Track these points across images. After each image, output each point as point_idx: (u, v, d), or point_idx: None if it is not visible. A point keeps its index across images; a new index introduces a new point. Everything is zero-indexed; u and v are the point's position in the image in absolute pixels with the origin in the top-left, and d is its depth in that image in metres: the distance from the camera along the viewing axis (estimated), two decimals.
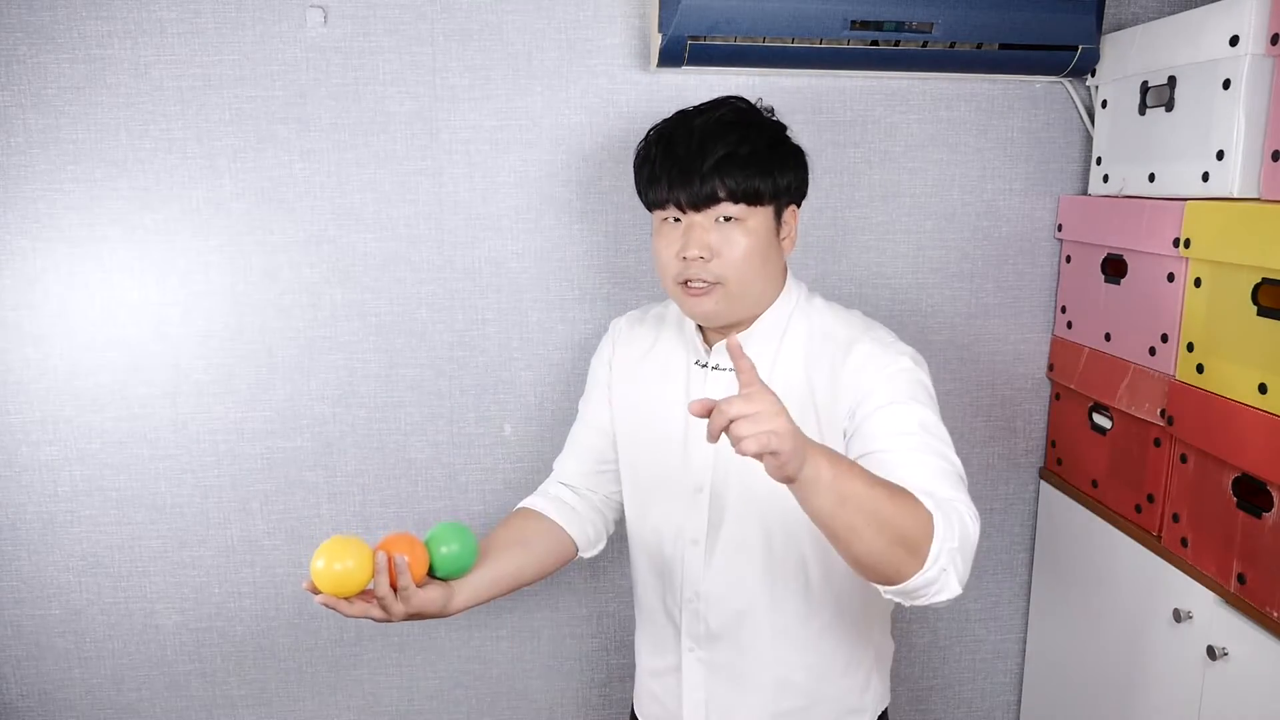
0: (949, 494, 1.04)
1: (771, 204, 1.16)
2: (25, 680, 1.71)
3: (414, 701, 1.79)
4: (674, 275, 1.17)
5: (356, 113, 1.58)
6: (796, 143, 1.22)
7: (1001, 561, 1.84)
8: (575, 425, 1.40)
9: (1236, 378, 1.26)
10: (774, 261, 1.19)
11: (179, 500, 1.67)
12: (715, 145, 1.13)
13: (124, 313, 1.60)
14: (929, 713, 1.89)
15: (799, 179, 1.20)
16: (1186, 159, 1.38)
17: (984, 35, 1.48)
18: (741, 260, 1.14)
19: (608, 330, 1.40)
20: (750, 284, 1.17)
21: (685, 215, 1.15)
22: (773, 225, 1.18)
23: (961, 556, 1.00)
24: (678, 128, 1.17)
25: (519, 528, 1.29)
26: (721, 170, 1.12)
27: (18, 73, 1.52)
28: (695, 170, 1.12)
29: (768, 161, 1.14)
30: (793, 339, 1.22)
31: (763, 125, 1.18)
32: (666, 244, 1.17)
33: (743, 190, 1.13)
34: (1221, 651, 1.28)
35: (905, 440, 1.10)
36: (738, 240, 1.14)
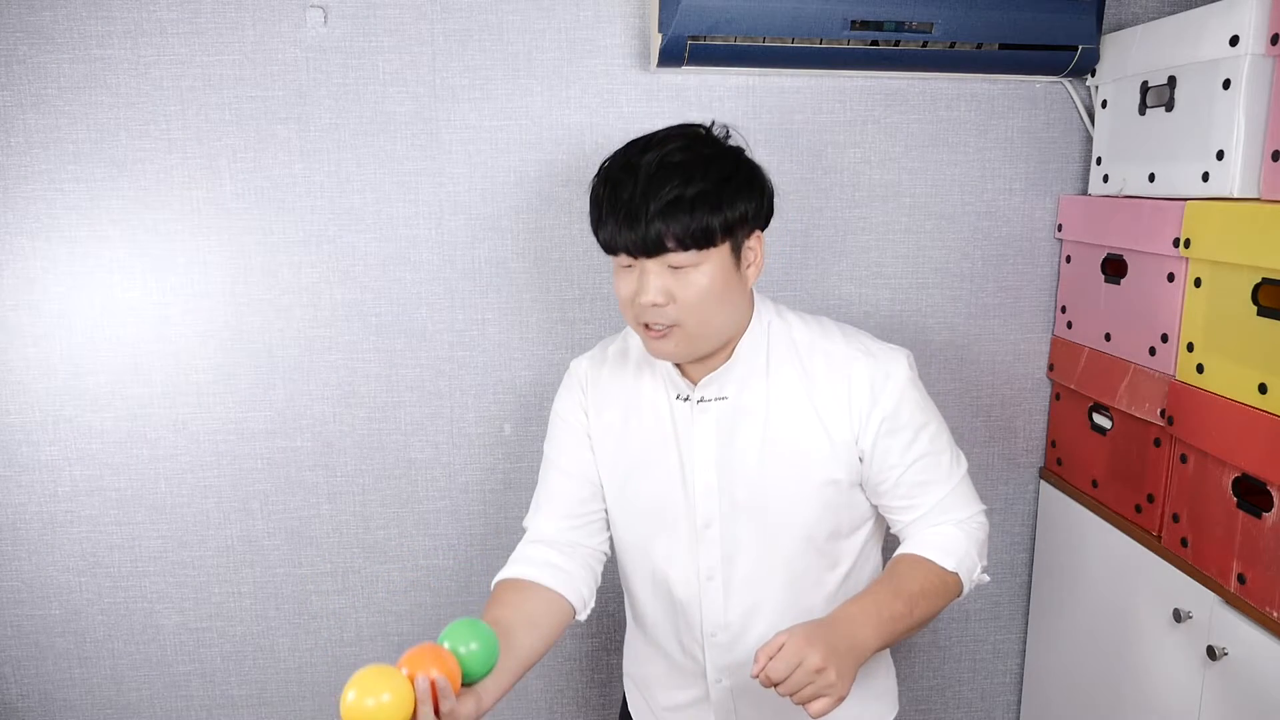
0: (961, 513, 1.22)
1: (727, 240, 1.10)
2: (25, 680, 1.71)
3: None
4: (633, 317, 1.14)
5: (356, 113, 1.58)
6: (755, 164, 1.16)
7: (1002, 561, 1.84)
8: (547, 477, 1.30)
9: (1236, 378, 1.26)
10: (736, 293, 1.14)
11: (179, 500, 1.67)
12: (661, 189, 1.06)
13: (124, 313, 1.60)
14: (929, 713, 1.89)
15: (757, 206, 1.14)
16: (1186, 159, 1.38)
17: (984, 35, 1.48)
18: (698, 303, 1.10)
19: (569, 372, 1.33)
20: (710, 323, 1.13)
21: (638, 261, 1.11)
22: (731, 260, 1.12)
23: (982, 559, 1.22)
24: (624, 169, 1.11)
25: (520, 606, 1.19)
26: (668, 216, 1.06)
27: (18, 73, 1.52)
28: (641, 217, 1.07)
29: (718, 198, 1.08)
30: (779, 357, 1.20)
31: (713, 158, 1.11)
32: (624, 285, 1.13)
33: (691, 236, 1.07)
34: (1221, 651, 1.28)
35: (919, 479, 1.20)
36: (694, 283, 1.09)
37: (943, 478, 1.21)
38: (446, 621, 1.75)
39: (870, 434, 1.17)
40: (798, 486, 1.19)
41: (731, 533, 1.21)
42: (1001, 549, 1.83)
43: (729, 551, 1.21)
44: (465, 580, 1.75)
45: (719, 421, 1.20)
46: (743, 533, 1.21)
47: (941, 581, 1.16)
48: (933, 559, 1.17)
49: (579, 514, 1.28)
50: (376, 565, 1.73)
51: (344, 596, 1.74)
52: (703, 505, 1.21)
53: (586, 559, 1.27)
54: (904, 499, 1.20)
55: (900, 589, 1.13)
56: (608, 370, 1.29)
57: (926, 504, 1.20)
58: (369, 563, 1.73)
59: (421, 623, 1.76)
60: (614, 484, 1.27)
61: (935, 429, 1.21)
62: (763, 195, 1.15)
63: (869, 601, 1.11)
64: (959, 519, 1.21)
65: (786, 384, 1.19)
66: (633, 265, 1.12)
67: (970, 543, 1.20)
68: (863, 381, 1.17)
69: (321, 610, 1.74)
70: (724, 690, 1.27)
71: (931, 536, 1.19)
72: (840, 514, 1.22)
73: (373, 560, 1.73)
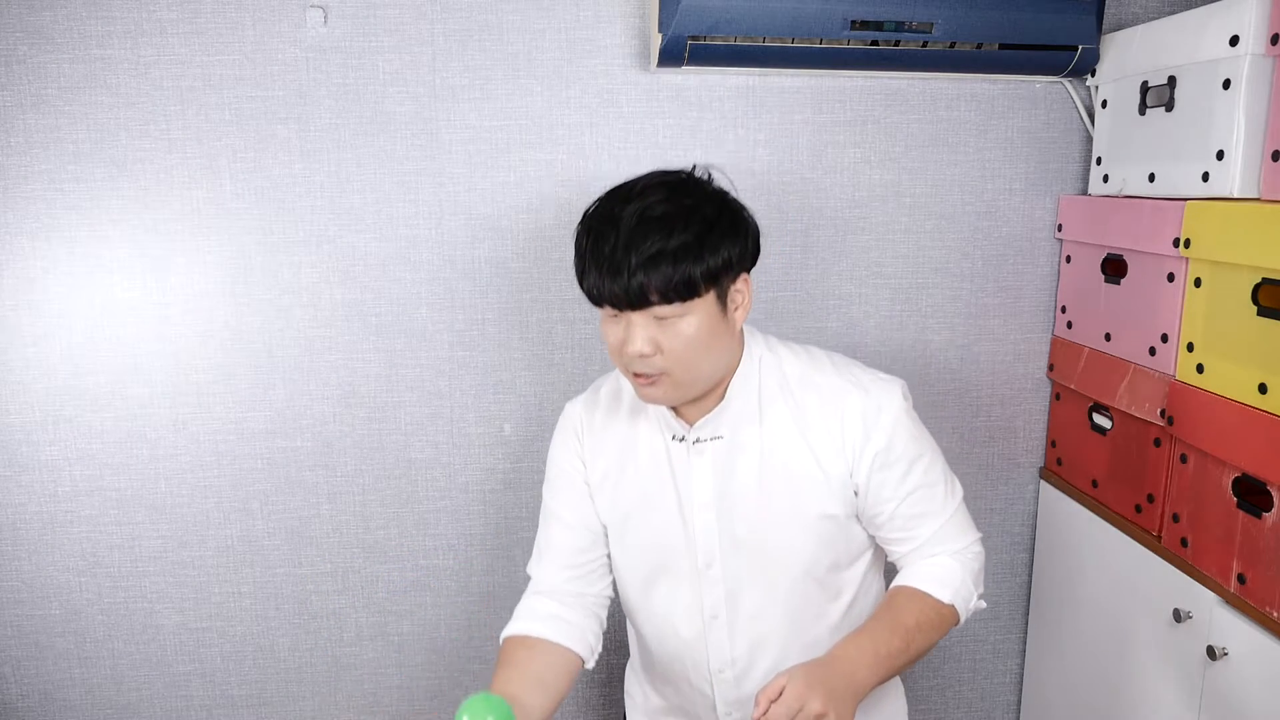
0: (957, 544, 1.23)
1: (712, 288, 1.10)
2: (25, 680, 1.71)
3: (414, 701, 1.79)
4: (622, 365, 1.14)
5: (356, 113, 1.58)
6: (738, 207, 1.15)
7: (1002, 561, 1.84)
8: (548, 526, 1.30)
9: (1236, 378, 1.26)
10: (724, 338, 1.14)
11: (179, 500, 1.67)
12: (641, 243, 1.06)
13: (124, 313, 1.60)
14: (929, 713, 1.89)
15: (741, 250, 1.12)
16: (1186, 159, 1.38)
17: (984, 35, 1.48)
18: (685, 352, 1.10)
19: (564, 417, 1.31)
20: (698, 369, 1.12)
21: (623, 314, 1.10)
22: (716, 307, 1.11)
23: (978, 588, 1.23)
24: (606, 220, 1.09)
25: (528, 666, 1.20)
26: (650, 270, 1.05)
27: (18, 73, 1.52)
28: (624, 271, 1.06)
29: (700, 249, 1.07)
30: (771, 394, 1.20)
31: (694, 207, 1.09)
32: (611, 334, 1.13)
33: (675, 288, 1.06)
34: (1221, 651, 1.28)
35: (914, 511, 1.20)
36: (680, 332, 1.09)
37: (938, 509, 1.21)
38: (446, 621, 1.76)
39: (865, 468, 1.18)
40: (796, 522, 1.19)
41: (733, 571, 1.21)
42: (1001, 549, 1.83)
43: (731, 590, 1.22)
44: (465, 580, 1.75)
45: (715, 461, 1.20)
46: (744, 571, 1.21)
47: (938, 615, 1.18)
48: (929, 592, 1.18)
49: (580, 563, 1.28)
50: (376, 565, 1.73)
51: (344, 596, 1.74)
52: (703, 545, 1.22)
53: (591, 607, 1.28)
54: (900, 531, 1.21)
55: (897, 625, 1.15)
56: (601, 414, 1.28)
57: (922, 536, 1.21)
58: (369, 563, 1.73)
59: (421, 623, 1.76)
60: (614, 527, 1.27)
61: (929, 459, 1.21)
62: (746, 238, 1.14)
63: (866, 640, 1.13)
64: (955, 549, 1.22)
65: (780, 421, 1.20)
66: (619, 316, 1.11)
67: (966, 573, 1.21)
68: (855, 415, 1.17)
69: (321, 610, 1.74)
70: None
71: (928, 568, 1.21)
72: (839, 546, 1.22)
73: (373, 560, 1.73)
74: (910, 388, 1.24)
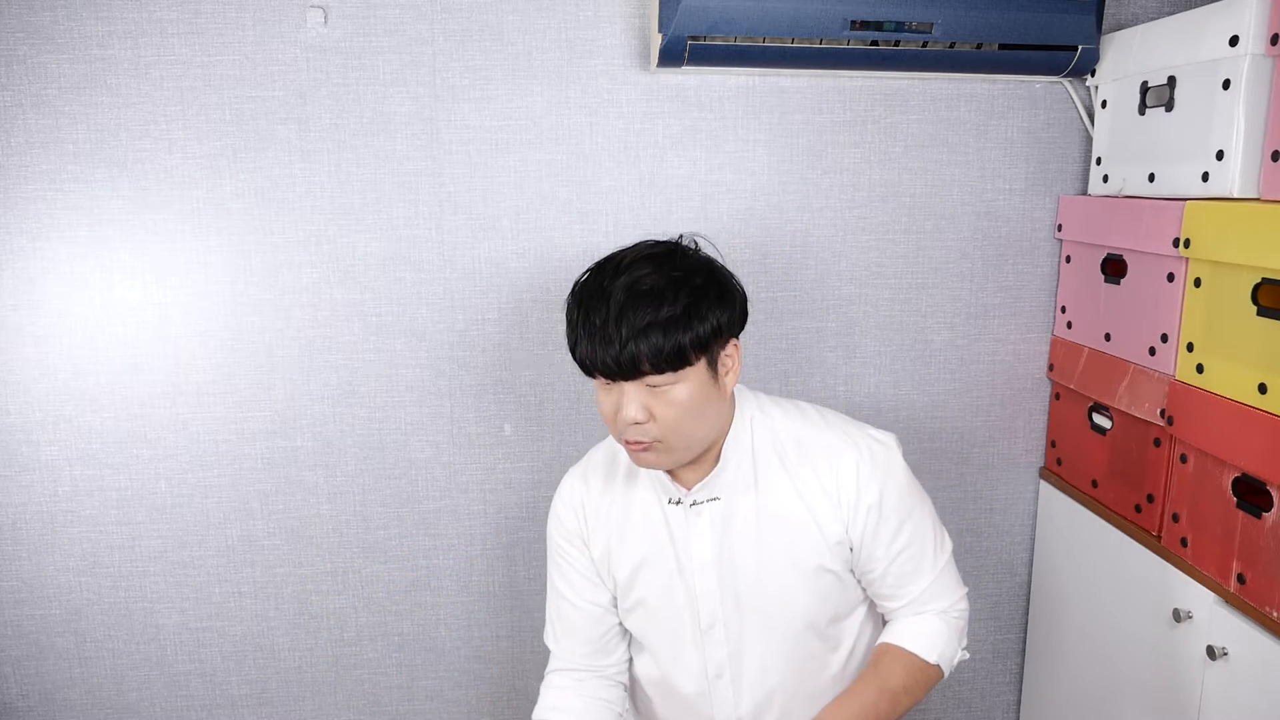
0: (944, 603, 1.25)
1: (702, 356, 1.11)
2: (25, 680, 1.71)
3: (414, 701, 1.79)
4: (617, 433, 1.15)
5: (356, 113, 1.58)
6: (725, 275, 1.16)
7: (1001, 561, 1.84)
8: (559, 607, 1.32)
9: (1236, 378, 1.26)
10: (715, 403, 1.15)
11: (179, 500, 1.67)
12: (631, 316, 1.07)
13: (124, 313, 1.60)
14: (929, 713, 1.89)
15: (730, 316, 1.14)
16: (1186, 159, 1.38)
17: (984, 35, 1.48)
18: (678, 419, 1.11)
19: (559, 497, 1.32)
20: (690, 435, 1.14)
21: (616, 384, 1.12)
22: (707, 374, 1.13)
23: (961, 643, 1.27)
24: (596, 294, 1.11)
25: None
26: (641, 341, 1.07)
27: (18, 73, 1.52)
28: (615, 343, 1.08)
29: (689, 319, 1.09)
30: (764, 454, 1.21)
31: (682, 280, 1.10)
32: (605, 402, 1.15)
33: (666, 358, 1.08)
34: (1221, 651, 1.28)
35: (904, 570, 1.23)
36: (673, 400, 1.11)
37: (927, 568, 1.24)
38: (446, 621, 1.76)
39: (859, 524, 1.19)
40: (795, 577, 1.21)
41: (736, 630, 1.23)
42: (1001, 549, 1.83)
43: (735, 649, 1.23)
44: (465, 580, 1.75)
45: (714, 522, 1.21)
46: (747, 629, 1.22)
47: (924, 674, 1.22)
48: (916, 653, 1.21)
49: (595, 637, 1.30)
50: (376, 565, 1.73)
51: (344, 596, 1.74)
52: (705, 606, 1.22)
53: (613, 675, 1.31)
54: (890, 588, 1.24)
55: (884, 689, 1.19)
56: (598, 482, 1.29)
57: (911, 594, 1.24)
58: (369, 563, 1.73)
59: (421, 623, 1.76)
60: (621, 595, 1.29)
61: (920, 515, 1.23)
62: (734, 305, 1.16)
63: (855, 705, 1.17)
64: (941, 609, 1.25)
65: (775, 480, 1.21)
66: (611, 386, 1.13)
67: (951, 633, 1.24)
68: (850, 471, 1.19)
69: (321, 610, 1.74)
70: None
71: (915, 628, 1.23)
72: (838, 598, 1.24)
73: (373, 560, 1.73)
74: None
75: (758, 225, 1.67)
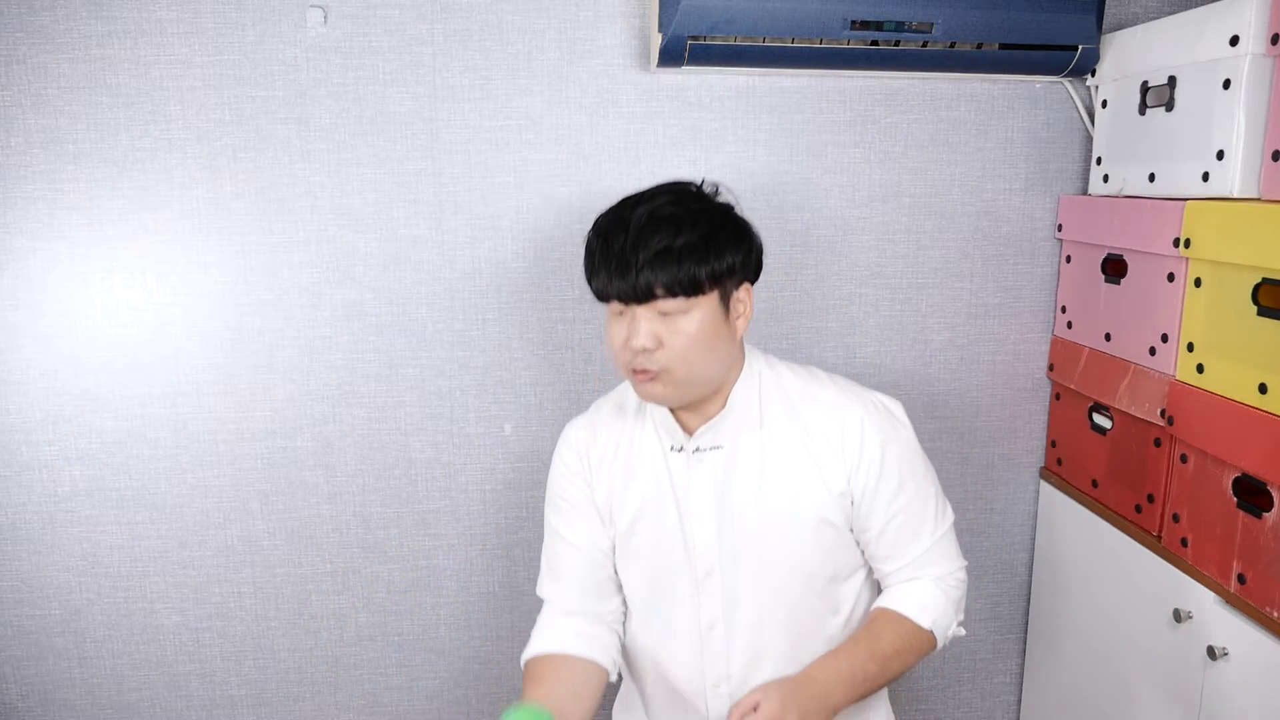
0: (940, 571, 1.25)
1: (715, 289, 1.13)
2: (25, 680, 1.71)
3: (414, 701, 1.79)
4: (624, 363, 1.16)
5: (356, 113, 1.58)
6: (743, 220, 1.19)
7: (1001, 561, 1.84)
8: (554, 546, 1.31)
9: (1236, 378, 1.26)
10: (724, 343, 1.16)
11: (179, 500, 1.67)
12: (650, 240, 1.10)
13: (124, 313, 1.60)
14: (929, 713, 1.89)
15: (745, 259, 1.16)
16: (1186, 159, 1.38)
17: (984, 35, 1.48)
18: (686, 350, 1.13)
19: (563, 442, 1.32)
20: (698, 370, 1.15)
21: (629, 308, 1.14)
22: (719, 309, 1.15)
23: (958, 616, 1.25)
24: (616, 222, 1.14)
25: (561, 681, 1.23)
26: (656, 266, 1.10)
27: (18, 73, 1.52)
28: (631, 266, 1.10)
29: (705, 250, 1.11)
30: (771, 405, 1.22)
31: (701, 212, 1.14)
32: (616, 333, 1.16)
33: (679, 284, 1.10)
34: (1221, 651, 1.28)
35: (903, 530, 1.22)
36: (682, 330, 1.12)
37: (927, 531, 1.23)
38: (446, 621, 1.76)
39: (861, 477, 1.20)
40: (795, 530, 1.20)
41: (732, 581, 1.22)
42: (1001, 549, 1.83)
43: (730, 600, 1.22)
44: (465, 580, 1.75)
45: (715, 471, 1.21)
46: (743, 580, 1.22)
47: (916, 640, 1.21)
48: (910, 616, 1.21)
49: (593, 582, 1.29)
50: (376, 565, 1.73)
51: (344, 596, 1.74)
52: (703, 555, 1.22)
53: (608, 621, 1.30)
54: (888, 549, 1.23)
55: (875, 649, 1.18)
56: (604, 428, 1.30)
57: (908, 556, 1.23)
58: (369, 563, 1.73)
59: (421, 622, 1.76)
60: (620, 541, 1.28)
61: (923, 480, 1.24)
62: (750, 249, 1.18)
63: (843, 662, 1.17)
64: (938, 575, 1.24)
65: (780, 430, 1.21)
66: (624, 312, 1.14)
67: (948, 601, 1.23)
68: (855, 425, 1.20)
69: (321, 610, 1.74)
70: None
71: (910, 593, 1.23)
72: (839, 556, 1.24)
73: (373, 560, 1.73)
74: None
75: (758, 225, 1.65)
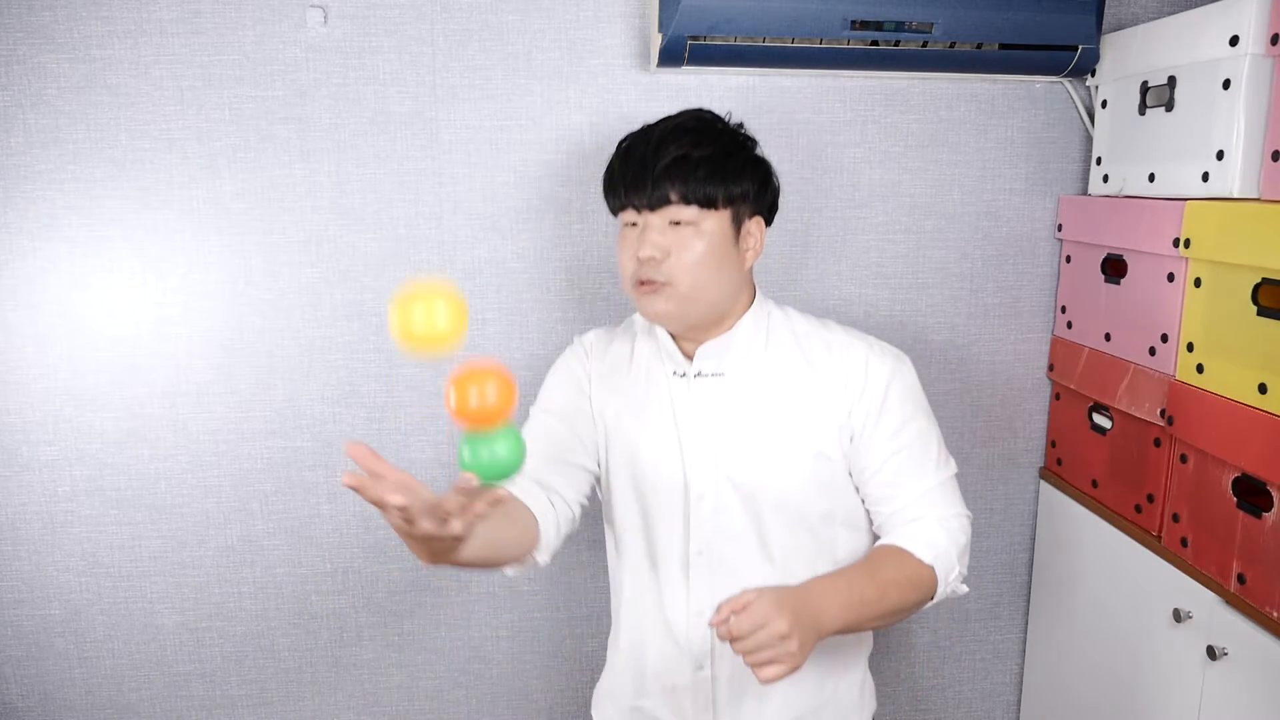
0: (942, 512, 1.20)
1: (727, 209, 1.16)
2: (25, 680, 1.71)
3: (414, 701, 1.79)
4: (630, 275, 1.19)
5: (356, 113, 1.58)
6: (764, 157, 1.22)
7: (1001, 561, 1.84)
8: (532, 417, 1.30)
9: (1236, 378, 1.26)
10: (731, 267, 1.18)
11: (179, 500, 1.67)
12: (669, 147, 1.14)
13: (124, 313, 1.60)
14: (929, 713, 1.89)
15: (760, 190, 1.20)
16: (1186, 159, 1.38)
17: (984, 35, 1.48)
18: (693, 263, 1.15)
19: (575, 342, 1.35)
20: (703, 287, 1.16)
21: (641, 216, 1.17)
22: (730, 232, 1.17)
23: (961, 565, 1.19)
24: (640, 136, 1.19)
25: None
26: (673, 172, 1.13)
27: (18, 73, 1.52)
28: (649, 171, 1.14)
29: (723, 167, 1.15)
30: (777, 339, 1.24)
31: (723, 133, 1.18)
32: (626, 247, 1.19)
33: (694, 193, 1.14)
34: (1221, 651, 1.28)
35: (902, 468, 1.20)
36: (690, 243, 1.15)
37: (928, 472, 1.21)
38: (446, 621, 1.76)
39: (861, 413, 1.19)
40: (791, 461, 1.20)
41: (725, 506, 1.22)
42: (1001, 549, 1.83)
43: (721, 526, 1.22)
44: (465, 580, 1.75)
45: (715, 398, 1.22)
46: (736, 507, 1.22)
47: (917, 574, 1.15)
48: (910, 550, 1.17)
49: (559, 458, 1.26)
50: (376, 565, 1.73)
51: (344, 596, 1.74)
52: (696, 480, 1.22)
53: (558, 504, 1.24)
54: (886, 485, 1.21)
55: (875, 575, 1.13)
56: (618, 342, 1.32)
57: (907, 495, 1.20)
58: (369, 563, 1.73)
59: (421, 622, 1.76)
60: (617, 455, 1.28)
61: (925, 425, 1.23)
62: (766, 182, 1.22)
63: (843, 580, 1.12)
64: (940, 516, 1.20)
65: (784, 362, 1.22)
66: (637, 223, 1.18)
67: (950, 542, 1.18)
68: (858, 362, 1.20)
69: (321, 610, 1.74)
70: (705, 678, 1.26)
71: (911, 530, 1.19)
72: (833, 494, 1.23)
73: (373, 560, 1.73)
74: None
75: None
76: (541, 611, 1.78)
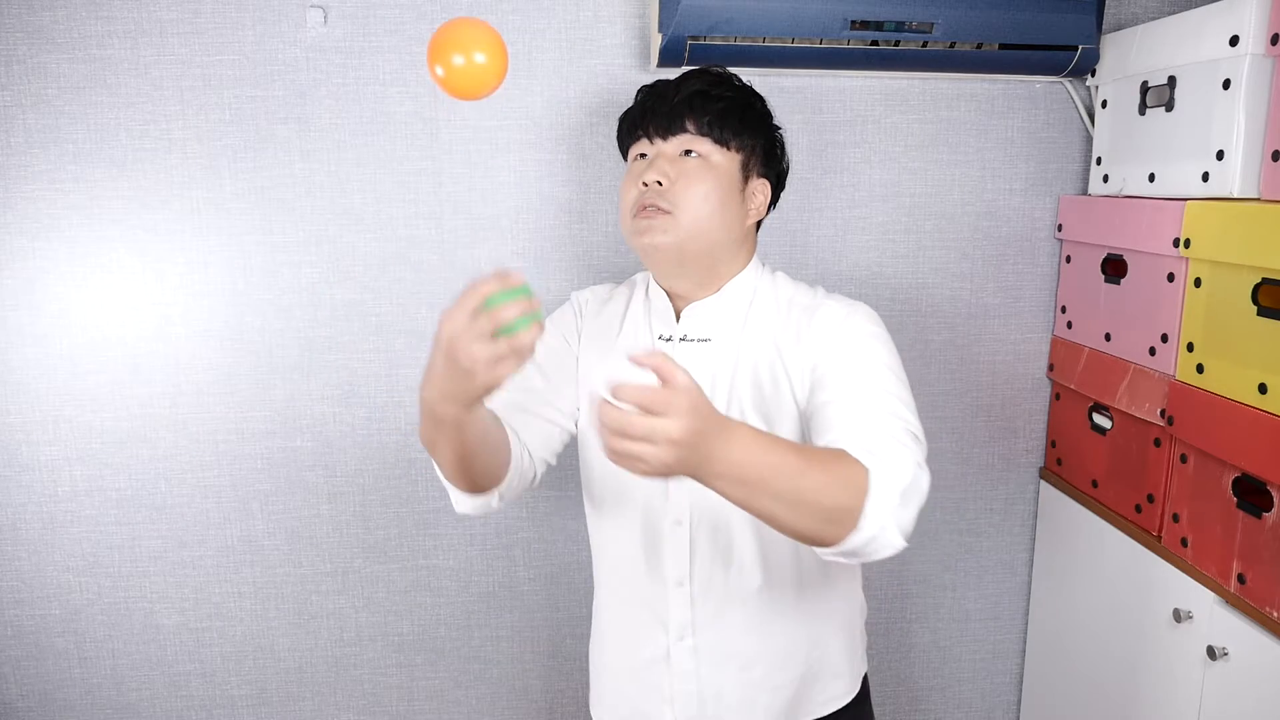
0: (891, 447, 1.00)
1: (739, 154, 1.20)
2: (25, 680, 1.71)
3: (414, 701, 1.79)
4: (632, 203, 1.19)
5: (356, 113, 1.58)
6: (779, 127, 1.26)
7: (1001, 561, 1.84)
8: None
9: (1236, 378, 1.26)
10: (733, 215, 1.19)
11: (179, 500, 1.67)
12: (693, 83, 1.20)
13: (124, 313, 1.60)
14: (929, 713, 1.89)
15: (769, 149, 1.24)
16: (1186, 159, 1.38)
17: (984, 35, 1.48)
18: (698, 195, 1.16)
19: (570, 299, 1.34)
20: (702, 223, 1.16)
21: (653, 145, 1.20)
22: (738, 177, 1.20)
23: (904, 509, 0.97)
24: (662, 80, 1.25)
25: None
26: (692, 104, 1.18)
27: (18, 73, 1.52)
28: (668, 100, 1.19)
29: (740, 112, 1.20)
30: (761, 305, 1.23)
31: (745, 89, 1.23)
32: (630, 178, 1.21)
33: (709, 125, 1.18)
34: (1221, 651, 1.28)
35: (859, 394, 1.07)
36: (699, 174, 1.17)
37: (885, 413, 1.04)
38: (446, 621, 1.76)
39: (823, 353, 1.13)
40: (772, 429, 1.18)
41: None
42: (1001, 549, 1.83)
43: (698, 497, 1.19)
44: (465, 580, 1.75)
45: (699, 365, 1.20)
46: None
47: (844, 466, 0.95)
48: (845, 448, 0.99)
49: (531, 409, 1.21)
50: (376, 565, 1.73)
51: (344, 596, 1.74)
52: None
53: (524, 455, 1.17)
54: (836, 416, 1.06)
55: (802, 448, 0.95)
56: (611, 305, 1.32)
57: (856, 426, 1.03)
58: (369, 563, 1.73)
59: (421, 622, 1.76)
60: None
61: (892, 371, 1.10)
62: (777, 147, 1.25)
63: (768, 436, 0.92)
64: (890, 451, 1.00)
65: (762, 331, 1.21)
66: (647, 153, 1.21)
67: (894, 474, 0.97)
68: (825, 315, 1.17)
69: (321, 610, 1.74)
70: (686, 650, 1.24)
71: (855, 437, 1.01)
72: None
73: (373, 560, 1.73)
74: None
75: None
76: (542, 612, 1.78)
